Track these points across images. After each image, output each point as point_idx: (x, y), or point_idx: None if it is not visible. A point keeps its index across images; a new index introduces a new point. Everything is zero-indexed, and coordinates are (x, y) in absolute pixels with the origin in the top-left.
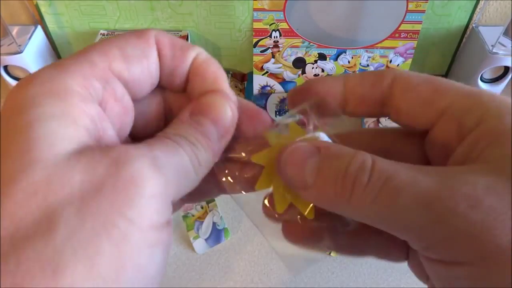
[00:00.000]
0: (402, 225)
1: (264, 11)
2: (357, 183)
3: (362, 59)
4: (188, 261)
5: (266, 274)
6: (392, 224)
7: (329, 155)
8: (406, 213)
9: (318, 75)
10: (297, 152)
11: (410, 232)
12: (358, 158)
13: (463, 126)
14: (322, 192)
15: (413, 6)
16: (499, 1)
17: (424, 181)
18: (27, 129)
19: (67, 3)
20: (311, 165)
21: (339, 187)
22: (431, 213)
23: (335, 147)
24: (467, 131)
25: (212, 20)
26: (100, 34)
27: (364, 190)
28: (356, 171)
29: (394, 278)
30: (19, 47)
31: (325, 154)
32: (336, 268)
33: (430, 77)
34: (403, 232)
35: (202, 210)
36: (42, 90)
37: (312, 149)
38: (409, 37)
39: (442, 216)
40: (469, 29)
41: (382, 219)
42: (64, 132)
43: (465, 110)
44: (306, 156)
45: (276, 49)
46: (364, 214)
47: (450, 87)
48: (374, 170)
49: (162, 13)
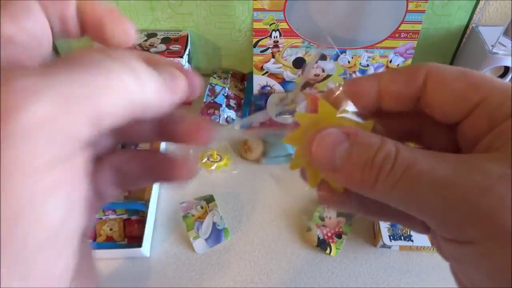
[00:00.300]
0: (419, 209)
1: (264, 11)
2: (381, 172)
3: (362, 59)
4: (188, 261)
5: (266, 274)
6: (411, 207)
7: (358, 143)
8: (422, 198)
9: (318, 75)
10: (328, 138)
11: (426, 215)
12: (384, 148)
13: (494, 120)
14: (349, 177)
15: (413, 6)
16: (499, 1)
17: (441, 168)
18: None
19: None
20: (340, 151)
21: (366, 174)
22: (445, 199)
23: (363, 134)
24: (497, 124)
25: (212, 20)
26: None
27: (387, 178)
28: (382, 161)
29: (394, 278)
30: None
31: (354, 141)
32: (336, 268)
33: (463, 71)
34: (420, 214)
35: (202, 210)
36: None
37: (341, 135)
38: (409, 37)
39: (455, 202)
40: (469, 29)
41: (402, 202)
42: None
43: (497, 105)
44: (336, 142)
45: (276, 49)
46: (387, 198)
47: (483, 82)
48: (397, 159)
49: (162, 13)
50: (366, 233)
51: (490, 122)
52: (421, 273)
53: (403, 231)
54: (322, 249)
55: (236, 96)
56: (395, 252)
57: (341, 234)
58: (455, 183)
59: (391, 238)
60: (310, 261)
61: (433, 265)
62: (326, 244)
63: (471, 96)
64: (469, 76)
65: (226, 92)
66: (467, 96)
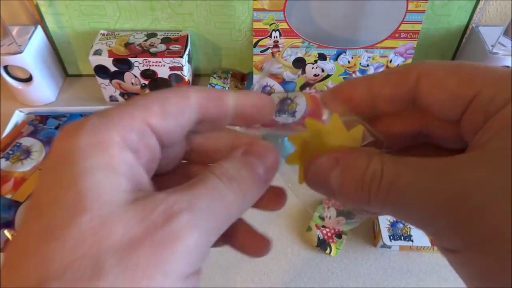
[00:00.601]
0: (410, 220)
1: (264, 11)
2: (371, 190)
3: (362, 59)
4: None
5: (266, 274)
6: (403, 218)
7: (347, 167)
8: (409, 210)
9: (318, 75)
10: (320, 169)
11: (416, 225)
12: (370, 167)
13: (488, 114)
14: (347, 199)
15: (413, 6)
16: (499, 1)
17: (422, 179)
18: (77, 181)
19: (67, 3)
20: (334, 179)
21: (359, 194)
22: (428, 211)
23: (351, 155)
24: (490, 118)
25: (212, 20)
26: (100, 34)
27: (377, 195)
28: (370, 180)
29: (394, 278)
30: (19, 47)
31: (344, 165)
32: (336, 268)
33: (456, 66)
34: (412, 225)
35: None
36: (88, 142)
37: (332, 162)
38: (409, 37)
39: (436, 213)
40: (469, 29)
41: (396, 214)
42: (109, 183)
43: (490, 98)
44: (328, 171)
45: (276, 49)
46: (384, 211)
47: (476, 75)
48: (383, 177)
49: (162, 13)
50: (366, 233)
51: (485, 117)
52: (421, 273)
53: (403, 231)
54: (322, 249)
55: None
56: (395, 252)
57: (341, 234)
58: (435, 194)
59: (391, 238)
60: (310, 261)
61: (433, 265)
62: (326, 244)
63: (464, 92)
64: (461, 70)
65: None
66: (461, 93)
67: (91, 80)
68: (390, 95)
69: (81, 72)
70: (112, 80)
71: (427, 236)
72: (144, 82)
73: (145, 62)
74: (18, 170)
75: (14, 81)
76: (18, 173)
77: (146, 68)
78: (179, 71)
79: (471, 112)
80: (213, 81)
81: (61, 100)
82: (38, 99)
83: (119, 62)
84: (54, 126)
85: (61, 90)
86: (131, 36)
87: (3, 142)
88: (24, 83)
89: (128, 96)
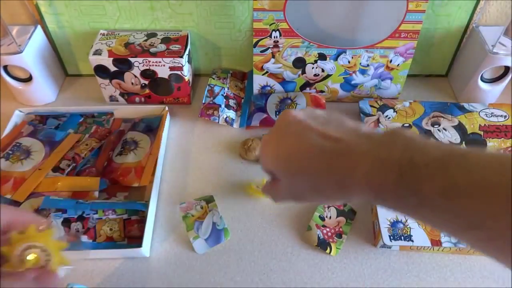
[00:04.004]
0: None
1: (264, 11)
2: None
3: (362, 59)
4: (188, 261)
5: (266, 274)
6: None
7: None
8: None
9: (318, 75)
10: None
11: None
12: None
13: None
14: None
15: (413, 6)
16: (499, 1)
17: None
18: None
19: (67, 3)
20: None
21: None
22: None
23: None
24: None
25: (212, 20)
26: (100, 34)
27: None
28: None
29: (394, 278)
30: (19, 47)
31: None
32: (336, 268)
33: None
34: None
35: (202, 210)
36: None
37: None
38: (409, 37)
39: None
40: (469, 29)
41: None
42: None
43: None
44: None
45: (276, 49)
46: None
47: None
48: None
49: (162, 13)
50: (366, 233)
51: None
52: (421, 273)
53: (403, 231)
54: (322, 249)
55: (236, 96)
56: (395, 252)
57: (341, 234)
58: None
59: (391, 238)
60: (310, 261)
61: (433, 265)
62: (326, 244)
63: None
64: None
65: (225, 92)
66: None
67: (91, 80)
68: None
69: (81, 72)
70: (112, 80)
71: (424, 235)
72: (144, 82)
73: (145, 62)
74: (18, 170)
75: (14, 81)
76: (18, 173)
77: (146, 68)
78: (179, 71)
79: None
80: (212, 81)
81: (61, 100)
82: (38, 99)
83: (119, 62)
84: (54, 126)
85: (61, 90)
86: (131, 36)
87: (3, 142)
88: (24, 83)
89: (128, 96)
